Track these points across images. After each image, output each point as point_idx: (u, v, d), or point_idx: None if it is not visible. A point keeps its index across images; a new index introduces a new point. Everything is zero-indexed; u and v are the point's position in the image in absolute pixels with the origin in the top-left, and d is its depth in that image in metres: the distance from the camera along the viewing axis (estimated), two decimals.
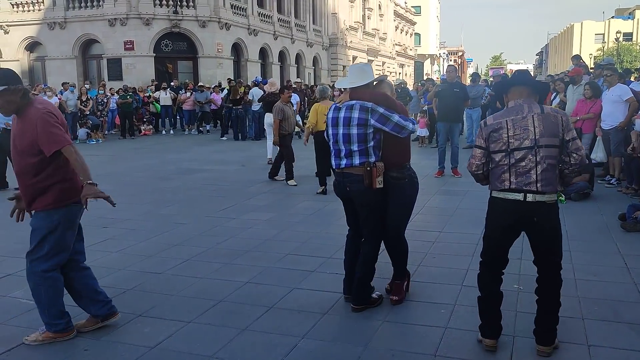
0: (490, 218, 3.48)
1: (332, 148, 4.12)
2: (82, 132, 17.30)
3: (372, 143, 3.95)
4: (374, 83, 4.22)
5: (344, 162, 4.01)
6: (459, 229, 6.30)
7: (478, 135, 3.50)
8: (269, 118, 11.54)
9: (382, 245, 4.25)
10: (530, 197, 3.26)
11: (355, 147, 3.94)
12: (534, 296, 4.20)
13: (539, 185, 3.25)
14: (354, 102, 4.01)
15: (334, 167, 4.16)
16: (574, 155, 3.28)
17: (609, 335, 3.61)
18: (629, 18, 72.13)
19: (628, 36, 65.00)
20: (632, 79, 11.43)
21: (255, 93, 17.14)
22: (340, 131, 3.99)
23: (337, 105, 4.12)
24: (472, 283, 4.55)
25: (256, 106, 16.92)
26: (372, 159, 3.95)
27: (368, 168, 3.92)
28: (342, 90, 4.73)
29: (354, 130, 3.92)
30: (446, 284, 4.56)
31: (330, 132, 4.09)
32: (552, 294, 3.45)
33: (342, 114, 4.00)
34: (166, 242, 5.93)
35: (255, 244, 5.81)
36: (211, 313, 4.07)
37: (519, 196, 3.28)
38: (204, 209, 7.55)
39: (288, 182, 9.37)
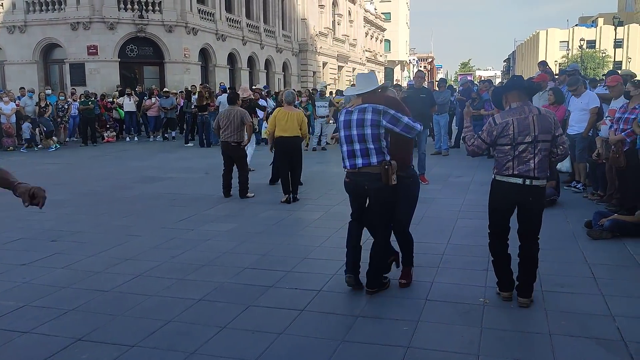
0: (495, 197, 4.26)
1: (345, 149, 4.35)
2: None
3: (384, 143, 4.28)
4: (379, 90, 4.54)
5: (360, 161, 4.26)
6: (425, 239, 6.10)
7: (485, 130, 4.15)
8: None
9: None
10: (528, 182, 4.05)
11: (371, 145, 4.22)
12: (500, 311, 4.07)
13: (535, 172, 4.05)
14: (366, 105, 4.31)
15: (348, 167, 4.37)
16: (561, 147, 4.15)
17: (577, 352, 3.44)
18: (592, 26, 73.95)
19: (591, 43, 66.61)
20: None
21: (222, 100, 16.84)
22: (355, 132, 4.25)
23: (349, 109, 4.40)
24: (437, 297, 4.38)
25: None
26: (387, 158, 4.26)
27: (386, 166, 4.18)
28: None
29: (368, 131, 4.21)
30: (409, 299, 4.35)
31: (342, 134, 4.34)
32: (532, 257, 4.21)
33: (354, 117, 4.29)
34: (117, 257, 5.58)
35: (212, 257, 5.52)
36: (158, 335, 3.78)
37: (519, 181, 4.07)
38: (161, 220, 7.21)
39: (248, 195, 8.74)
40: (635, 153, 6.65)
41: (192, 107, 17.43)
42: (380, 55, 63.84)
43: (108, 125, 19.20)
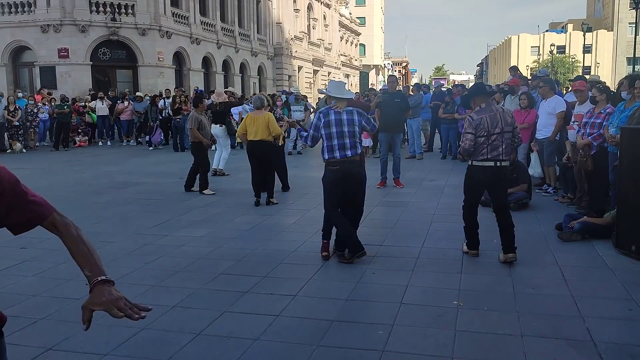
0: (471, 179, 5.43)
1: (335, 143, 5.32)
2: None
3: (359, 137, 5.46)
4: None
5: (349, 152, 5.33)
6: (400, 242, 6.16)
7: (468, 126, 5.24)
8: (215, 129, 11.25)
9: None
10: (498, 164, 5.22)
11: (357, 140, 5.37)
12: (474, 314, 4.13)
13: (503, 155, 5.23)
14: (351, 108, 5.51)
15: (338, 157, 5.33)
16: (518, 136, 5.43)
17: (548, 353, 3.50)
18: (561, 32, 75.46)
19: (561, 49, 67.95)
20: (563, 90, 11.78)
21: None
22: (346, 129, 5.31)
23: (337, 110, 5.42)
24: (412, 301, 4.41)
25: None
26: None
27: (362, 155, 5.51)
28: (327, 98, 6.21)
29: (357, 129, 5.36)
30: (385, 303, 4.38)
31: (334, 130, 5.33)
32: (509, 224, 5.33)
33: (345, 117, 5.37)
34: None
35: (186, 263, 5.47)
36: (131, 343, 3.72)
37: (492, 164, 5.22)
38: (135, 226, 7.13)
39: (203, 192, 9.33)
40: (603, 157, 6.80)
41: (168, 112, 17.26)
42: (355, 60, 64.15)
43: (80, 130, 18.86)
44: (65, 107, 17.46)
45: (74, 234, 1.88)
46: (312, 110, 17.21)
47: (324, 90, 5.56)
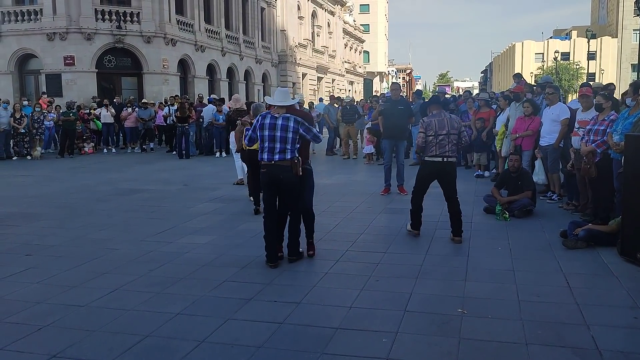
0: (422, 171, 6.59)
1: (265, 145, 5.48)
2: None
3: (297, 145, 5.53)
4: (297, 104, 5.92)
5: (277, 156, 5.43)
6: (404, 250, 6.15)
7: (420, 127, 6.48)
8: (231, 137, 11.10)
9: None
10: (445, 159, 6.35)
11: (288, 147, 5.43)
12: (478, 321, 4.12)
13: (449, 153, 6.36)
14: (289, 115, 5.55)
15: (265, 160, 5.47)
16: (464, 139, 6.57)
17: None
18: (566, 38, 75.46)
19: (565, 55, 67.90)
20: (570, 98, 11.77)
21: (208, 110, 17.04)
22: (278, 133, 5.42)
23: (275, 115, 5.53)
24: (416, 308, 4.40)
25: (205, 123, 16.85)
26: (296, 155, 5.50)
27: (296, 161, 5.48)
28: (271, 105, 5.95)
29: (290, 135, 5.44)
30: (388, 310, 4.37)
31: (266, 133, 5.47)
32: (457, 211, 6.42)
33: (280, 122, 5.46)
34: (94, 270, 5.51)
35: (190, 270, 5.48)
36: (135, 350, 3.73)
37: (440, 159, 6.35)
38: (139, 233, 7.14)
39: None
40: (607, 164, 6.79)
41: (172, 119, 17.34)
42: (360, 67, 64.32)
43: (85, 137, 18.92)
44: (71, 114, 17.55)
45: None
46: (315, 115, 17.22)
47: (268, 98, 5.92)
